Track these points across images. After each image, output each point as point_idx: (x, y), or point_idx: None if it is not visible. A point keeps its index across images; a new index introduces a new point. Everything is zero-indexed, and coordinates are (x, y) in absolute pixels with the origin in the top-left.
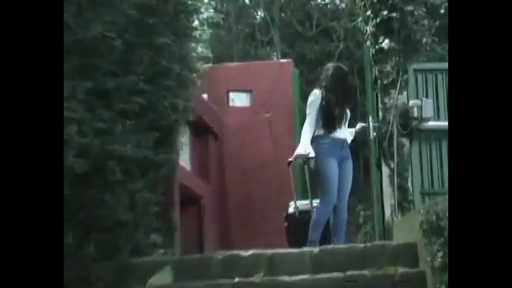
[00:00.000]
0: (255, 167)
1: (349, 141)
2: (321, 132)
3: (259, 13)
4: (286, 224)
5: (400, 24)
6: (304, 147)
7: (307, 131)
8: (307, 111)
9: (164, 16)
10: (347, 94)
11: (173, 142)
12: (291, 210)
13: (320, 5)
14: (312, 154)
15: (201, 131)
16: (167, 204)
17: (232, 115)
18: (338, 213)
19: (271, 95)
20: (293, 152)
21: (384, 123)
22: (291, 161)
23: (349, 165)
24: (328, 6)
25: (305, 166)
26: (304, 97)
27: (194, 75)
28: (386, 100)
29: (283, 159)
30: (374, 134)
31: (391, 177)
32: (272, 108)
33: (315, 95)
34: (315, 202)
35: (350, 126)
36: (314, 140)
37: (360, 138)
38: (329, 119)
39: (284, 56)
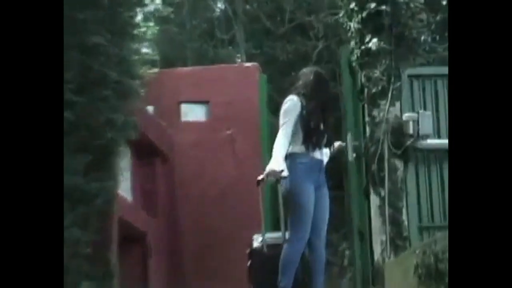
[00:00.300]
0: (214, 196)
1: (324, 163)
2: (298, 148)
3: (218, 4)
4: (249, 262)
5: (392, 18)
6: (278, 162)
7: (281, 144)
8: (282, 120)
9: (97, 10)
10: (330, 105)
11: (110, 166)
12: (256, 244)
13: None
14: (286, 172)
15: (146, 153)
16: (102, 244)
17: (185, 132)
18: (315, 250)
19: (234, 106)
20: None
21: (372, 141)
22: (261, 180)
23: (326, 193)
24: None
25: (279, 187)
26: (275, 109)
27: (137, 82)
28: (375, 112)
29: (248, 184)
30: (354, 155)
31: (381, 207)
32: (235, 122)
33: (293, 101)
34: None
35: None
36: (289, 158)
37: (339, 160)
38: (311, 134)
39: (249, 58)
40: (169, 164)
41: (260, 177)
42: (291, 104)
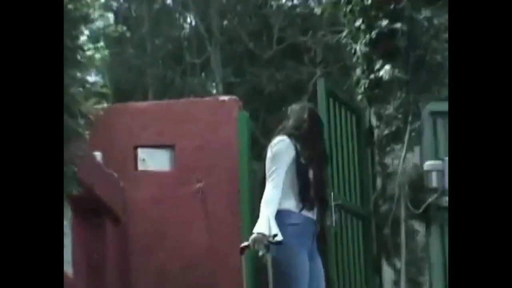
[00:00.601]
0: (180, 269)
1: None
2: (290, 205)
3: (188, 19)
4: None
5: (409, 39)
6: (267, 225)
7: (271, 200)
8: (270, 167)
9: None
10: (326, 151)
11: None
12: None
13: (285, 8)
14: (280, 237)
15: (92, 212)
16: None
17: (143, 185)
18: None
19: (205, 152)
20: (244, 238)
21: (384, 198)
22: (246, 247)
23: (319, 262)
24: (297, 10)
25: (268, 257)
26: (258, 155)
27: (80, 122)
28: (387, 160)
29: (224, 253)
30: (334, 221)
31: (397, 283)
32: (207, 172)
33: (284, 143)
34: None
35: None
36: (278, 217)
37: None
38: (308, 188)
39: (227, 88)
40: (121, 227)
41: (244, 244)
42: (282, 147)
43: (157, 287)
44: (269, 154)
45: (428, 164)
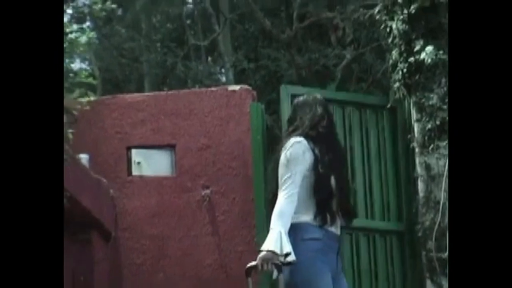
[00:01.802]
0: None
1: None
2: (308, 218)
3: None
4: None
5: None
6: (279, 241)
7: (283, 212)
8: (283, 174)
9: None
10: (344, 155)
11: None
12: None
13: None
14: (292, 256)
15: (77, 227)
16: None
17: (138, 194)
18: None
19: (213, 153)
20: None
21: (427, 205)
22: (253, 268)
23: (345, 285)
24: None
25: (279, 278)
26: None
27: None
28: (431, 160)
29: (237, 273)
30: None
31: None
32: (215, 178)
33: (301, 145)
34: None
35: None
36: (293, 232)
37: None
38: (330, 200)
39: (239, 76)
40: (113, 243)
41: (251, 264)
42: (299, 150)
43: None
44: (282, 158)
45: None
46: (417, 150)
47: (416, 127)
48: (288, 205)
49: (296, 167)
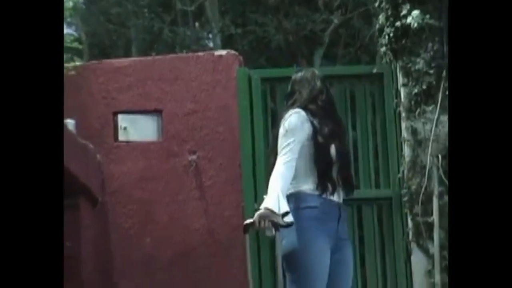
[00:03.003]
0: (171, 258)
1: None
2: (307, 187)
3: None
4: None
5: None
6: (277, 201)
7: (282, 176)
8: (283, 142)
9: None
10: (343, 126)
11: None
12: None
13: None
14: (290, 217)
15: (65, 191)
16: None
17: (125, 159)
18: None
19: (199, 118)
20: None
21: (414, 169)
22: (250, 224)
23: (348, 254)
24: None
25: (277, 240)
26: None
27: None
28: (418, 125)
29: (224, 238)
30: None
31: (430, 273)
32: (202, 143)
33: (299, 116)
34: None
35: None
36: (292, 200)
37: None
38: (330, 169)
39: (226, 41)
40: (100, 208)
41: (249, 221)
42: (297, 121)
43: (144, 280)
44: (281, 129)
45: None
46: (403, 115)
47: (402, 92)
48: (286, 170)
49: (294, 136)
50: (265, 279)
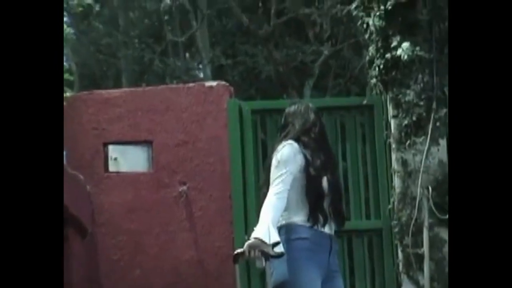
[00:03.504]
0: None
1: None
2: (298, 219)
3: None
4: None
5: (433, 11)
6: (268, 231)
7: (273, 206)
8: (275, 173)
9: None
10: (335, 160)
11: None
12: None
13: None
14: (281, 247)
15: None
16: None
17: (115, 190)
18: None
19: (190, 149)
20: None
21: (404, 201)
22: (240, 254)
23: (339, 285)
24: None
25: (267, 271)
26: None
27: None
28: (407, 156)
29: (214, 269)
30: None
31: None
32: (192, 174)
33: (293, 147)
34: None
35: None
36: (283, 231)
37: None
38: (321, 202)
39: (217, 72)
40: (90, 239)
41: (239, 250)
42: (290, 152)
43: None
44: (274, 161)
45: None
46: (393, 146)
47: (392, 123)
48: (278, 201)
49: (287, 167)
50: None
